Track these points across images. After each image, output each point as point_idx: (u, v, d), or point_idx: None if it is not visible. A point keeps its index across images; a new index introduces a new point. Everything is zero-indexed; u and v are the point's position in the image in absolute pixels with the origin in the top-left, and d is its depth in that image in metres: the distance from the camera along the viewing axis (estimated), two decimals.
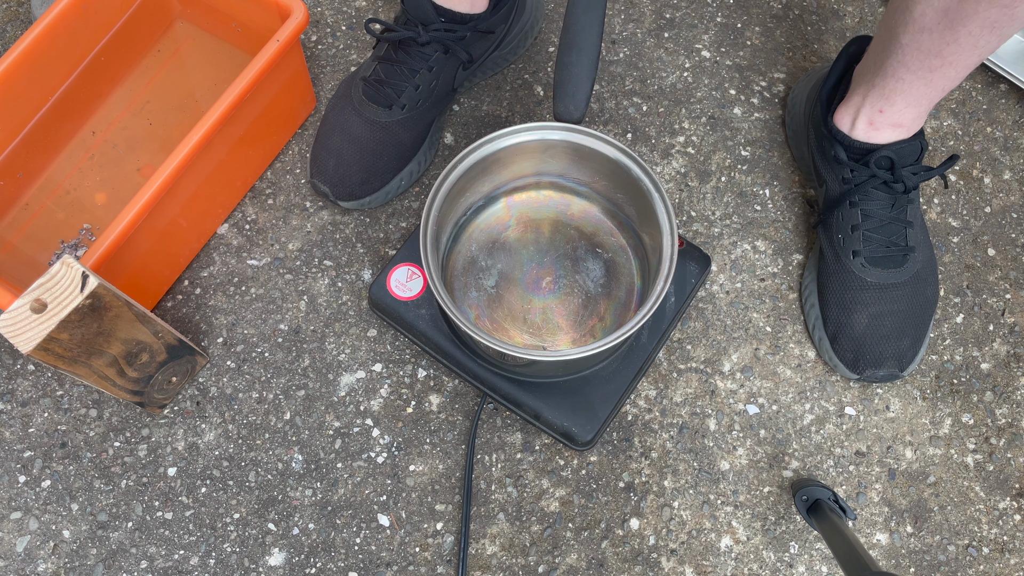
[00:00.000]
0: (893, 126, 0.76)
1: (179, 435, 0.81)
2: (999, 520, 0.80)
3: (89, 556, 0.77)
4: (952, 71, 0.69)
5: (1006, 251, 0.89)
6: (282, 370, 0.83)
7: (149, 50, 0.91)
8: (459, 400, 0.82)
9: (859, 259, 0.80)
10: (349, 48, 0.96)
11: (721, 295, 0.86)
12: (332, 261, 0.87)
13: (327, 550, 0.78)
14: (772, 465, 0.81)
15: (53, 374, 0.83)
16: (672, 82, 0.95)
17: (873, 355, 0.80)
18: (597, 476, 0.80)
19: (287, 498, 0.79)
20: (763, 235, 0.89)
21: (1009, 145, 0.93)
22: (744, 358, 0.84)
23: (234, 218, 0.88)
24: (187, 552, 0.77)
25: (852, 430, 0.82)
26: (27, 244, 0.84)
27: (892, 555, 0.78)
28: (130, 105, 0.89)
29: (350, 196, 0.84)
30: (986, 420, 0.83)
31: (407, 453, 0.81)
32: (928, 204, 0.90)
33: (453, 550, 0.78)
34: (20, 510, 0.78)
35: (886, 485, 0.81)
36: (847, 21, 0.99)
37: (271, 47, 0.76)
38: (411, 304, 0.78)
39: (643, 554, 0.78)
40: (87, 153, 0.87)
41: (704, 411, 0.82)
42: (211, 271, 0.86)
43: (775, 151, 0.92)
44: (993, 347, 0.85)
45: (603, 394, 0.76)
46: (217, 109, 0.74)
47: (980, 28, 0.63)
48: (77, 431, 0.81)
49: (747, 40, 0.97)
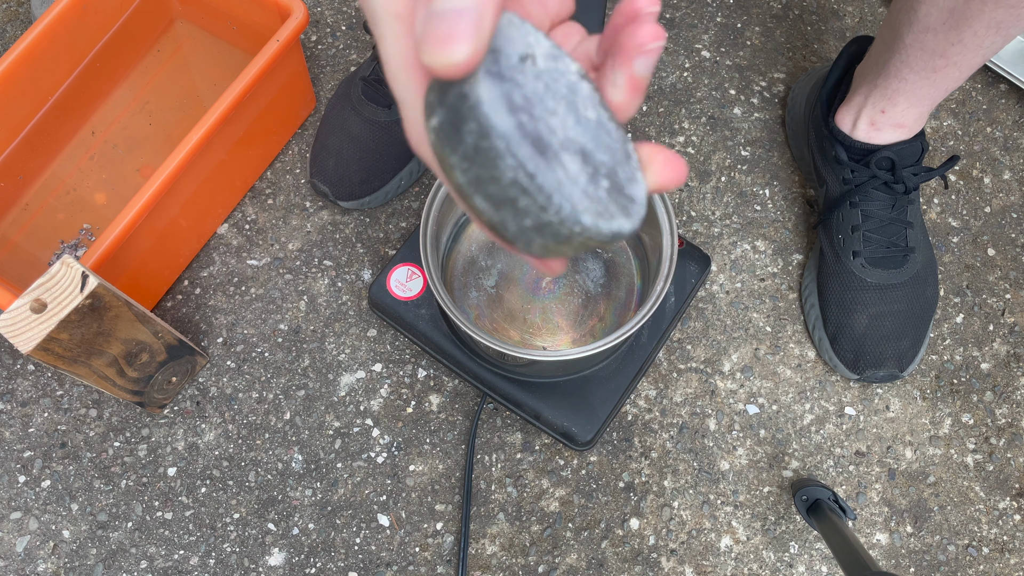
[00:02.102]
0: (895, 126, 0.76)
1: (179, 435, 0.81)
2: (999, 520, 0.80)
3: (89, 556, 0.77)
4: (956, 71, 0.69)
5: (1006, 251, 0.89)
6: (282, 370, 0.83)
7: (149, 50, 0.91)
8: (459, 400, 0.82)
9: (859, 259, 0.80)
10: (349, 48, 0.96)
11: (721, 295, 0.86)
12: (332, 261, 0.87)
13: (327, 550, 0.78)
14: (772, 465, 0.81)
15: (53, 374, 0.83)
16: (672, 82, 0.95)
17: (873, 355, 0.79)
18: (597, 476, 0.80)
19: (287, 498, 0.79)
20: (763, 235, 0.89)
21: (1009, 145, 0.93)
22: (744, 358, 0.84)
23: (234, 218, 0.88)
24: (187, 552, 0.77)
25: (852, 430, 0.82)
26: (28, 244, 0.84)
27: (892, 555, 0.78)
28: (130, 105, 0.89)
29: (350, 196, 0.84)
30: (986, 420, 0.83)
31: (407, 453, 0.81)
32: (928, 204, 0.90)
33: (453, 550, 0.78)
34: (20, 510, 0.78)
35: (886, 485, 0.81)
36: (847, 21, 0.99)
37: (271, 47, 0.76)
38: (411, 304, 0.78)
39: (643, 554, 0.78)
40: (87, 153, 0.87)
41: (704, 411, 0.82)
42: (211, 271, 0.86)
43: (775, 151, 0.92)
44: (993, 347, 0.85)
45: (603, 394, 0.76)
46: (217, 109, 0.74)
47: (985, 28, 0.63)
48: (77, 431, 0.81)
49: (747, 40, 0.97)
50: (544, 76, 0.26)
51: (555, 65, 0.27)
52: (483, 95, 0.24)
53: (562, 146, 0.26)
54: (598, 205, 0.25)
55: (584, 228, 0.25)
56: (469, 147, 0.24)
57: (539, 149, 0.24)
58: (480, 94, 0.24)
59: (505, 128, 0.24)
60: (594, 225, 0.25)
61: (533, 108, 0.25)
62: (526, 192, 0.24)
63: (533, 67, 0.26)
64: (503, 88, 0.25)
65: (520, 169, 0.24)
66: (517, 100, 0.25)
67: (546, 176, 0.24)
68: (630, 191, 0.27)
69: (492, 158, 0.24)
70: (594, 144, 0.27)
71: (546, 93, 0.26)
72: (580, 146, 0.26)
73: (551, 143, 0.25)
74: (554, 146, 0.25)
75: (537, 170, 0.24)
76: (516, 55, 0.26)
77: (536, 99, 0.26)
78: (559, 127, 0.26)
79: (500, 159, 0.24)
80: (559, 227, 0.25)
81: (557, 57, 0.27)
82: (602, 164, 0.27)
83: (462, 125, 0.24)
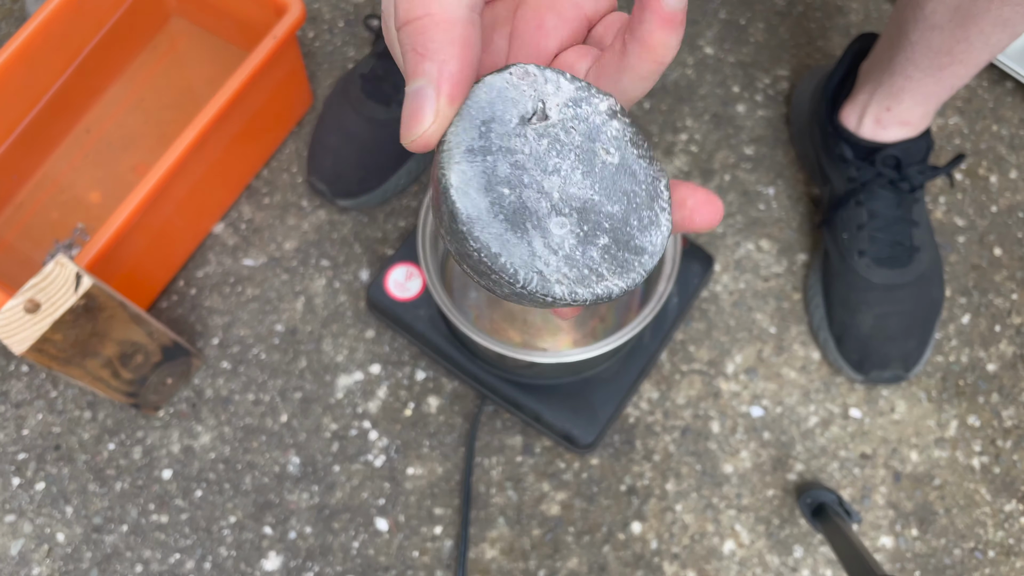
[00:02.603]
0: (900, 124, 0.75)
1: (174, 437, 0.80)
2: (1005, 523, 0.79)
3: (84, 560, 0.76)
4: (962, 69, 0.68)
5: (1012, 251, 0.88)
6: (278, 371, 0.82)
7: (144, 47, 0.90)
8: (458, 402, 0.81)
9: (865, 259, 0.79)
10: (347, 44, 0.95)
11: (724, 295, 0.85)
12: (329, 261, 0.86)
13: (324, 554, 0.77)
14: (776, 468, 0.80)
15: (47, 375, 0.82)
16: (675, 79, 0.94)
17: (878, 356, 0.79)
18: (598, 479, 0.79)
19: (284, 501, 0.78)
20: (767, 234, 0.88)
21: (1015, 143, 0.92)
22: (748, 359, 0.83)
23: (230, 217, 0.87)
24: (183, 556, 0.76)
25: (857, 432, 0.81)
26: (21, 243, 0.83)
27: (897, 559, 0.78)
28: (125, 103, 0.88)
29: (348, 194, 0.83)
30: (992, 422, 0.82)
31: (405, 456, 0.80)
32: (934, 203, 0.89)
33: (452, 554, 0.77)
34: (14, 513, 0.78)
35: (891, 488, 0.80)
36: (851, 17, 0.97)
37: (267, 44, 0.75)
38: (409, 305, 0.77)
39: (645, 558, 0.77)
40: (81, 151, 0.86)
41: (707, 413, 0.81)
42: (206, 271, 0.85)
43: (779, 149, 0.91)
44: (999, 348, 0.84)
45: (604, 396, 0.75)
46: (213, 106, 0.73)
47: (992, 26, 0.62)
48: (71, 433, 0.80)
49: (750, 37, 0.96)
50: (553, 130, 0.27)
51: (575, 111, 0.27)
52: (452, 180, 0.25)
53: (554, 209, 0.26)
54: (578, 271, 0.26)
55: (558, 299, 0.26)
56: (446, 225, 0.26)
57: (514, 223, 0.25)
58: (450, 179, 0.25)
59: (471, 212, 0.25)
60: (570, 294, 0.26)
61: (524, 175, 0.26)
62: (491, 269, 0.25)
63: (539, 124, 0.27)
64: (483, 165, 0.25)
65: (483, 251, 0.25)
66: (502, 172, 0.26)
67: (512, 253, 0.25)
68: (640, 241, 0.27)
69: (460, 240, 0.25)
70: (605, 194, 0.27)
71: (549, 151, 0.27)
72: (583, 202, 0.27)
73: (538, 209, 0.26)
74: (541, 212, 0.26)
75: (503, 249, 0.25)
76: (516, 118, 0.26)
77: (532, 162, 0.26)
78: (557, 187, 0.26)
79: (465, 241, 0.25)
80: (537, 298, 0.26)
81: (579, 101, 0.27)
82: (608, 217, 0.27)
83: (441, 205, 0.26)
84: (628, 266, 0.27)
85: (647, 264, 0.27)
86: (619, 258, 0.27)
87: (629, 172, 0.28)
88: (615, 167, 0.27)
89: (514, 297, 0.27)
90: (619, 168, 0.27)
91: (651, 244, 0.27)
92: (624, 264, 0.27)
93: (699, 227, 0.28)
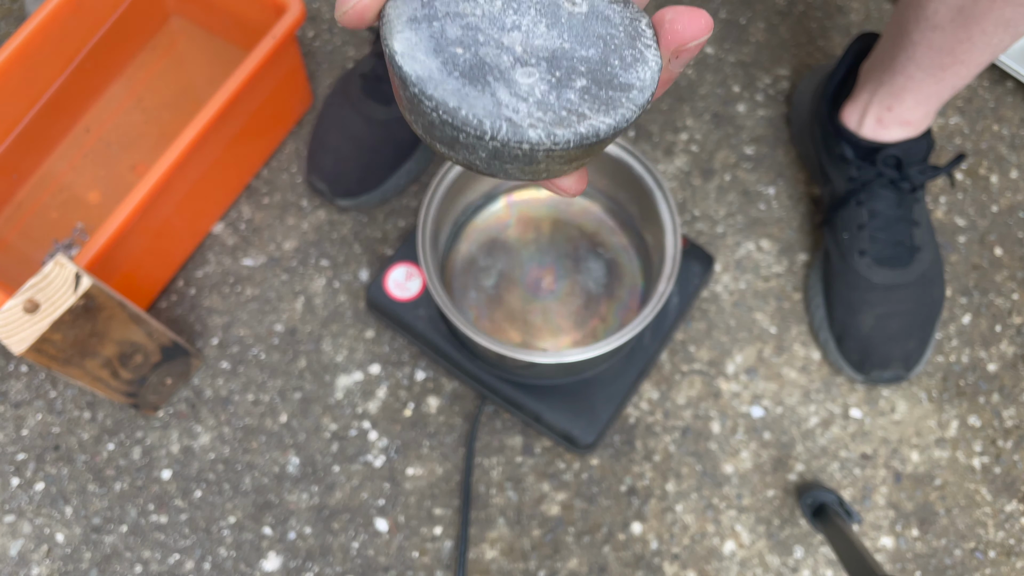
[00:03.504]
0: (901, 124, 0.75)
1: (173, 438, 0.80)
2: (1005, 523, 0.79)
3: (83, 560, 0.76)
4: (964, 69, 0.68)
5: (1013, 251, 0.88)
6: (278, 372, 0.82)
7: (143, 46, 0.90)
8: (458, 402, 0.81)
9: (865, 259, 0.78)
10: (347, 44, 0.95)
11: (725, 295, 0.85)
12: (329, 261, 0.86)
13: (324, 555, 0.76)
14: (776, 468, 0.80)
15: (46, 376, 0.82)
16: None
17: (879, 356, 0.78)
18: (599, 480, 0.79)
19: (283, 502, 0.78)
20: (768, 234, 0.88)
21: (1016, 143, 0.92)
22: (748, 359, 0.83)
23: (229, 217, 0.87)
24: (182, 556, 0.76)
25: (858, 432, 0.81)
26: (21, 243, 0.83)
27: (898, 559, 0.77)
28: (124, 102, 0.88)
29: (347, 194, 0.83)
30: (993, 422, 0.82)
31: (405, 456, 0.79)
32: (934, 203, 0.89)
33: (452, 555, 0.77)
34: (13, 513, 0.77)
35: (892, 488, 0.79)
36: (852, 17, 0.97)
37: (267, 43, 0.75)
38: (409, 305, 0.77)
39: (645, 559, 0.77)
40: (81, 151, 0.86)
41: (707, 413, 0.81)
42: (206, 271, 0.85)
43: (780, 149, 0.91)
44: (1000, 348, 0.84)
45: (605, 396, 0.75)
46: (212, 106, 0.73)
47: (994, 26, 0.62)
48: (71, 433, 0.80)
49: (751, 36, 0.96)
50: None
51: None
52: (396, 47, 0.24)
53: (518, 61, 0.25)
54: (554, 114, 0.25)
55: (536, 143, 0.24)
56: (402, 100, 0.25)
57: (472, 78, 0.24)
58: (394, 47, 0.24)
59: (420, 72, 0.24)
60: (548, 136, 0.24)
61: (478, 34, 0.25)
62: (455, 127, 0.24)
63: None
64: (429, 31, 0.25)
65: (441, 107, 0.24)
66: (452, 34, 0.25)
67: (474, 104, 0.24)
68: (625, 79, 0.26)
69: (416, 104, 0.24)
70: (577, 41, 0.26)
71: (505, 9, 0.26)
72: (551, 51, 0.26)
73: (499, 63, 0.25)
74: (503, 65, 0.25)
75: (462, 102, 0.24)
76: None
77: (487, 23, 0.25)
78: (519, 42, 0.25)
79: (420, 103, 0.24)
80: (514, 149, 0.25)
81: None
82: (583, 61, 0.26)
83: (394, 80, 0.25)
84: (614, 103, 0.26)
85: (637, 99, 0.26)
86: (602, 97, 0.25)
87: (601, 18, 0.26)
88: (584, 15, 0.26)
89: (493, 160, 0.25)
90: (589, 15, 0.26)
91: (639, 80, 0.26)
92: (610, 102, 0.26)
93: (685, 37, 0.26)
